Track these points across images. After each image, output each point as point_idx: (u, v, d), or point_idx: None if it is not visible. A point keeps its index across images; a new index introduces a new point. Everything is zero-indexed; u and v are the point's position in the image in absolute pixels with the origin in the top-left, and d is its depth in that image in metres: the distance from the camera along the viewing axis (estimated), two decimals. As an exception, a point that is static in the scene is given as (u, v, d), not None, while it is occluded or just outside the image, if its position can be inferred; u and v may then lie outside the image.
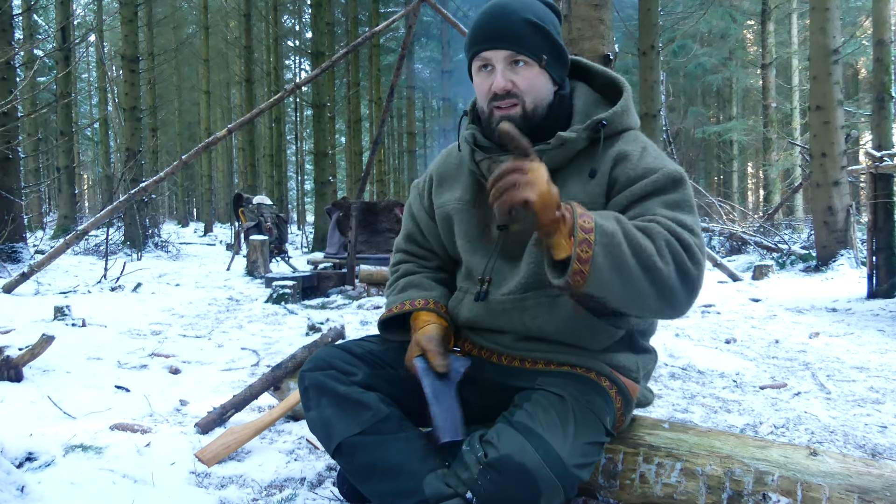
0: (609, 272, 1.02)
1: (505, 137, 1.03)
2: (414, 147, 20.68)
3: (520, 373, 1.33)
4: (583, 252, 1.01)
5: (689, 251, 1.09)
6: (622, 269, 1.03)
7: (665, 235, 1.08)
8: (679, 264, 1.07)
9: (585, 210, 1.06)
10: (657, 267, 1.04)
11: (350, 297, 5.67)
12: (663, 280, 1.05)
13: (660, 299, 1.07)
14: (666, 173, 1.20)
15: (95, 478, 1.61)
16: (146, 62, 14.50)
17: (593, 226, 1.02)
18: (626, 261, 1.03)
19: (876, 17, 8.71)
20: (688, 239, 1.10)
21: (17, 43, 8.88)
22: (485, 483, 1.06)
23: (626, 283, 1.04)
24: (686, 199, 1.20)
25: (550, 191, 1.01)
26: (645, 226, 1.09)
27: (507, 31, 1.21)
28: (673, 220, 1.13)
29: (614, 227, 1.04)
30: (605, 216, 1.06)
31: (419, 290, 1.47)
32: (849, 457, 1.24)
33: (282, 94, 6.67)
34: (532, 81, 1.23)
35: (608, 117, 1.26)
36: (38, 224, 15.25)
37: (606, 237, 1.02)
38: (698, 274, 1.10)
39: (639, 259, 1.04)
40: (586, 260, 1.01)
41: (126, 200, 6.03)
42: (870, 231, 5.23)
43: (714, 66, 17.62)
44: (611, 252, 1.02)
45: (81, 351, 3.19)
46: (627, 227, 1.06)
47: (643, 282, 1.04)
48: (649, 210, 1.16)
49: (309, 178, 26.61)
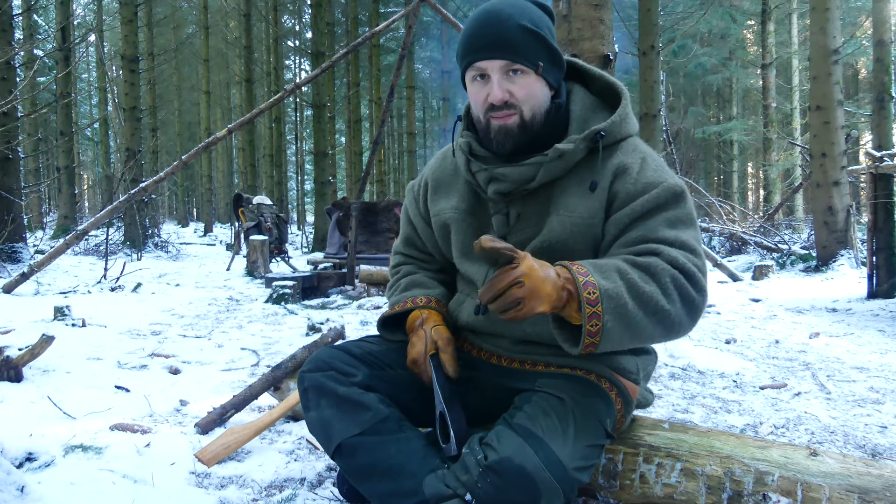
0: (619, 333, 1.06)
1: (486, 254, 1.02)
2: (414, 147, 20.67)
3: (519, 374, 1.32)
4: (592, 326, 1.04)
5: (693, 279, 1.12)
6: (631, 326, 1.06)
7: (669, 272, 1.10)
8: (684, 297, 1.11)
9: (585, 271, 1.07)
10: (664, 309, 1.08)
11: (350, 297, 5.67)
12: (670, 319, 1.10)
13: (666, 333, 1.12)
14: (666, 188, 1.20)
15: (95, 478, 1.61)
16: (146, 62, 14.49)
17: (598, 295, 1.04)
18: (634, 316, 1.06)
19: (876, 17, 8.71)
20: (690, 267, 1.12)
21: (17, 43, 8.88)
22: (484, 485, 1.06)
23: (636, 334, 1.09)
24: (688, 215, 1.21)
25: (551, 283, 1.03)
26: (647, 264, 1.10)
27: (502, 39, 1.17)
28: (676, 242, 1.15)
29: (618, 285, 1.06)
30: (605, 272, 1.07)
31: (422, 288, 1.47)
32: (849, 457, 1.24)
33: (282, 94, 6.67)
34: (529, 89, 1.21)
35: (606, 128, 1.24)
36: (38, 224, 15.25)
37: (612, 301, 1.04)
38: (702, 299, 1.14)
39: (646, 309, 1.07)
40: (596, 332, 1.04)
41: (126, 200, 6.03)
42: (870, 231, 5.22)
43: (714, 66, 17.61)
44: (619, 315, 1.05)
45: (81, 351, 3.19)
46: (630, 279, 1.07)
47: (651, 326, 1.09)
48: (651, 231, 1.17)
49: (309, 178, 26.62)
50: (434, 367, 1.28)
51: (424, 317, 1.37)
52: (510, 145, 1.24)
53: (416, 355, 1.32)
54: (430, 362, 1.29)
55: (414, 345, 1.34)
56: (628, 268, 1.09)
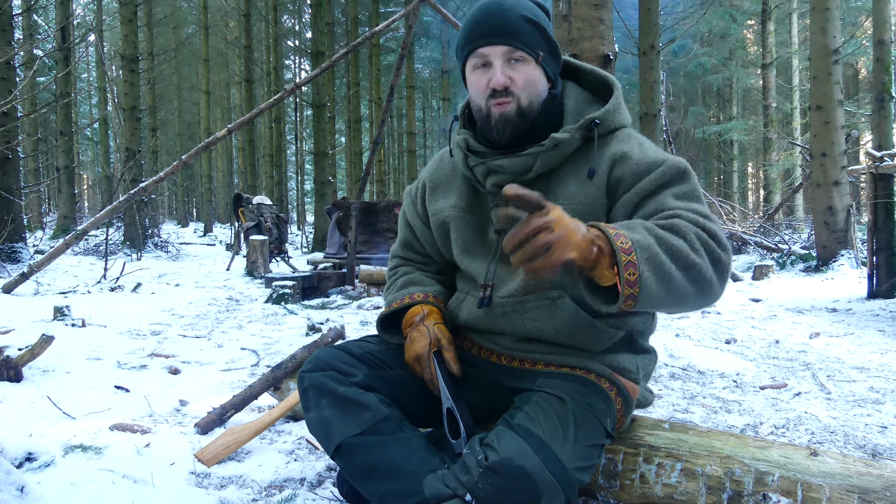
0: (656, 286, 0.99)
1: (514, 200, 0.94)
2: (414, 147, 20.66)
3: (519, 373, 1.32)
4: (630, 275, 0.97)
5: (716, 238, 1.08)
6: (666, 278, 1.00)
7: (692, 228, 1.06)
8: (711, 253, 1.06)
9: (615, 227, 1.01)
10: (695, 263, 1.03)
11: (350, 297, 5.67)
12: (702, 274, 1.04)
13: (699, 294, 1.06)
14: (671, 165, 1.19)
15: (95, 478, 1.61)
16: (146, 62, 14.49)
17: (631, 244, 0.98)
18: (669, 268, 1.00)
19: (876, 17, 8.70)
20: (711, 226, 1.09)
21: (17, 43, 8.87)
22: (485, 486, 1.06)
23: (672, 290, 1.02)
24: (695, 190, 1.19)
25: (581, 234, 0.96)
26: (670, 223, 1.07)
27: (505, 26, 1.20)
28: (690, 209, 1.12)
29: (647, 237, 1.01)
30: (632, 228, 1.03)
31: (419, 285, 1.47)
32: (849, 457, 1.23)
33: (282, 94, 6.66)
34: (529, 77, 1.23)
35: (601, 116, 1.26)
36: (37, 224, 15.26)
37: (645, 252, 0.98)
38: (728, 259, 1.09)
39: (678, 262, 1.02)
40: (634, 282, 0.97)
41: (126, 200, 6.03)
42: (870, 231, 5.23)
43: (714, 66, 17.62)
44: (653, 265, 0.99)
45: (81, 351, 3.19)
46: (658, 233, 1.03)
47: (684, 282, 1.03)
48: (663, 204, 1.14)
49: (309, 178, 26.64)
50: (438, 363, 1.28)
51: (425, 313, 1.37)
52: (509, 132, 1.25)
53: (419, 351, 1.31)
54: (433, 359, 1.29)
55: (415, 340, 1.33)
56: (653, 225, 1.05)
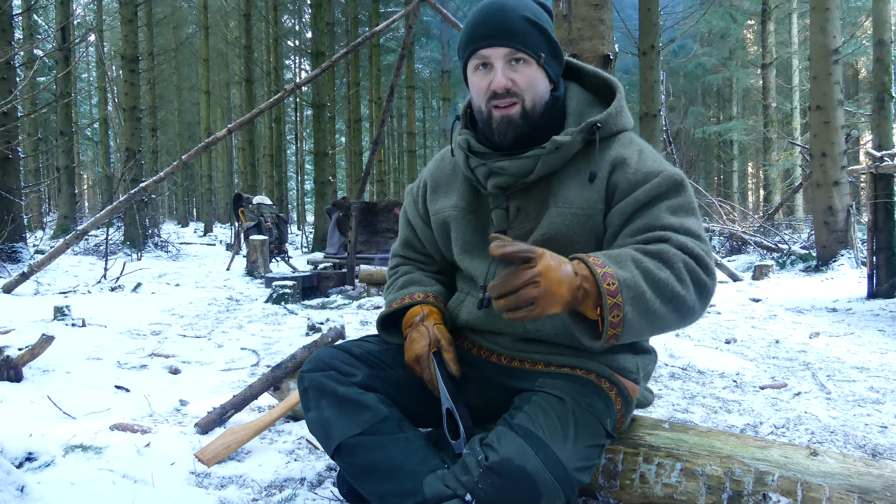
0: (640, 321, 1.04)
1: (504, 258, 0.99)
2: (414, 147, 20.67)
3: (519, 373, 1.32)
4: (614, 318, 1.02)
5: (703, 264, 1.11)
6: (649, 314, 1.05)
7: (680, 257, 1.09)
8: (696, 281, 1.10)
9: (602, 263, 1.04)
10: (680, 296, 1.07)
11: (350, 297, 5.67)
12: (686, 305, 1.09)
13: (679, 321, 1.11)
14: (667, 177, 1.20)
15: (95, 478, 1.61)
16: (146, 62, 14.49)
17: (618, 286, 1.02)
18: (652, 305, 1.05)
19: (876, 17, 8.70)
20: (700, 252, 1.12)
21: (17, 43, 8.87)
22: (485, 486, 1.06)
23: (654, 323, 1.07)
24: (689, 203, 1.20)
25: (566, 285, 0.99)
26: (658, 251, 1.09)
27: (507, 28, 1.20)
28: (681, 229, 1.14)
29: (634, 275, 1.04)
30: (621, 262, 1.05)
31: (419, 285, 1.47)
32: (849, 457, 1.23)
33: (282, 94, 6.66)
34: (531, 79, 1.23)
35: (602, 119, 1.25)
36: (38, 224, 15.26)
37: (631, 291, 1.02)
38: (713, 283, 1.13)
39: (662, 297, 1.06)
40: (618, 323, 1.02)
41: (126, 200, 6.03)
42: (870, 231, 5.22)
43: (714, 66, 17.62)
44: (638, 304, 1.03)
45: (81, 351, 3.19)
46: (645, 268, 1.06)
47: (668, 313, 1.07)
48: (656, 218, 1.16)
49: (309, 178, 26.64)
50: (437, 364, 1.28)
51: (425, 313, 1.37)
52: (512, 135, 1.24)
53: (419, 351, 1.31)
54: (433, 360, 1.29)
55: (415, 341, 1.33)
56: (642, 256, 1.08)
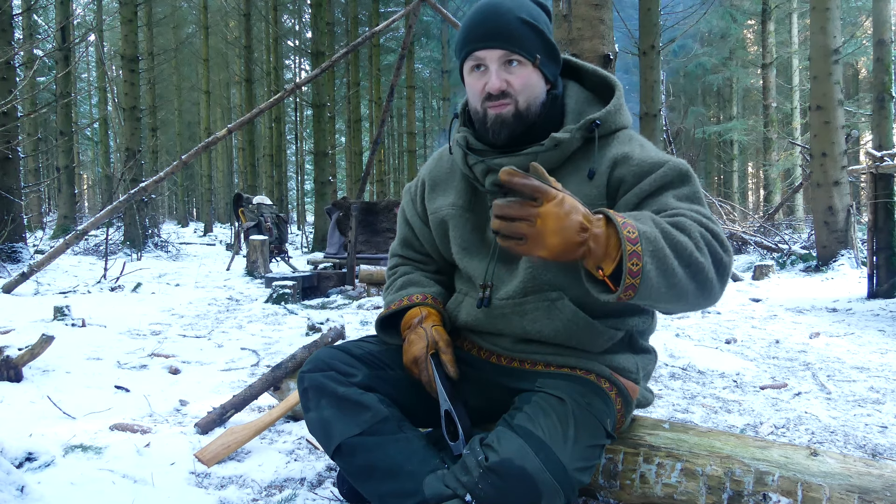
0: (658, 279, 0.98)
1: (508, 186, 0.93)
2: (414, 147, 20.66)
3: (519, 374, 1.32)
4: (633, 265, 0.95)
5: (719, 239, 1.07)
6: (668, 273, 0.99)
7: (697, 228, 1.05)
8: (714, 254, 1.05)
9: (624, 216, 1.00)
10: (698, 261, 1.02)
11: (350, 297, 5.67)
12: (704, 273, 1.03)
13: (698, 293, 1.05)
14: (673, 167, 1.18)
15: (95, 478, 1.61)
16: (146, 62, 14.49)
17: (637, 235, 0.97)
18: (672, 263, 0.99)
19: (876, 17, 8.70)
20: (715, 228, 1.08)
21: (17, 43, 8.87)
22: (485, 486, 1.06)
23: (672, 285, 1.01)
24: (697, 192, 1.18)
25: (563, 236, 0.94)
26: (676, 221, 1.06)
27: (501, 30, 1.19)
28: (693, 211, 1.11)
29: (654, 230, 0.99)
30: (641, 219, 1.01)
31: (418, 286, 1.47)
32: (849, 457, 1.23)
33: (282, 94, 6.66)
34: (526, 81, 1.22)
35: (601, 117, 1.25)
36: (38, 224, 15.26)
37: (651, 244, 0.97)
38: (729, 261, 1.08)
39: (681, 258, 1.01)
40: (637, 273, 0.96)
41: (126, 200, 6.03)
42: (870, 231, 5.22)
43: (714, 66, 17.63)
44: (657, 259, 0.97)
45: (81, 351, 3.19)
46: (664, 227, 1.02)
47: (686, 279, 1.01)
48: (666, 204, 1.13)
49: (309, 178, 26.63)
50: (435, 366, 1.28)
51: (423, 315, 1.37)
52: (505, 134, 1.24)
53: (417, 353, 1.31)
54: (430, 362, 1.29)
55: (413, 343, 1.33)
56: (660, 219, 1.04)
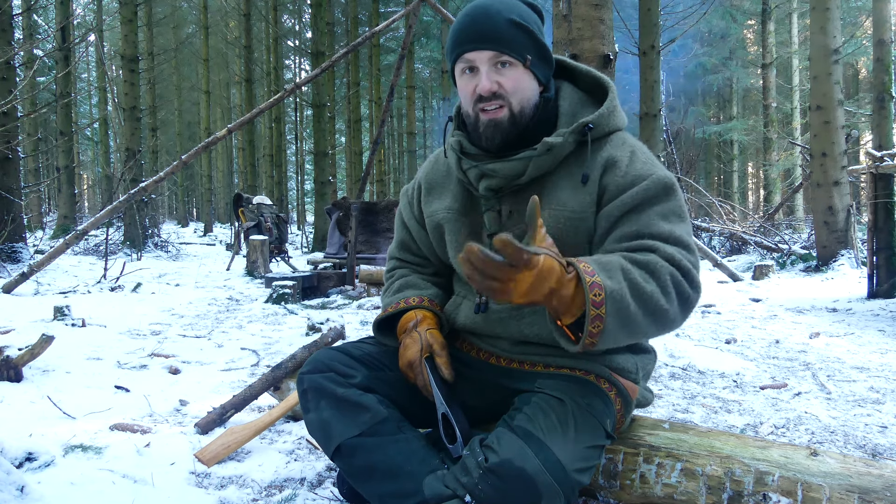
0: (618, 332, 1.05)
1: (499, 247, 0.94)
2: (414, 147, 20.68)
3: (519, 374, 1.32)
4: (594, 328, 1.02)
5: (689, 277, 1.12)
6: (629, 325, 1.06)
7: (668, 269, 1.10)
8: (680, 294, 1.11)
9: (592, 271, 1.03)
10: (663, 309, 1.08)
11: (350, 297, 5.67)
12: (667, 318, 1.10)
13: (658, 330, 1.13)
14: (656, 181, 1.19)
15: (95, 478, 1.61)
16: (146, 62, 14.50)
17: (604, 297, 1.01)
18: (635, 317, 1.05)
19: (876, 17, 8.71)
20: (686, 265, 1.12)
21: (17, 43, 8.87)
22: (485, 487, 1.06)
23: (633, 333, 1.08)
24: (679, 207, 1.20)
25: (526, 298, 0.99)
26: (647, 262, 1.10)
27: (491, 31, 1.19)
28: (670, 238, 1.15)
29: (622, 286, 1.04)
30: (610, 270, 1.05)
31: (415, 289, 1.47)
32: (849, 457, 1.23)
33: (282, 94, 6.67)
34: (517, 82, 1.21)
35: (594, 120, 1.24)
36: (37, 224, 15.26)
37: (616, 303, 1.02)
38: (697, 296, 1.14)
39: (645, 310, 1.06)
40: (597, 334, 1.03)
41: (126, 200, 6.03)
42: (870, 231, 5.22)
43: (714, 66, 17.63)
44: (620, 317, 1.03)
45: (81, 351, 3.19)
46: (632, 279, 1.06)
47: (647, 325, 1.08)
48: (645, 226, 1.16)
49: (309, 178, 26.62)
50: (430, 369, 1.28)
51: (418, 318, 1.37)
52: (499, 139, 1.24)
53: (411, 357, 1.31)
54: (425, 365, 1.29)
55: (408, 347, 1.33)
56: (630, 266, 1.08)
